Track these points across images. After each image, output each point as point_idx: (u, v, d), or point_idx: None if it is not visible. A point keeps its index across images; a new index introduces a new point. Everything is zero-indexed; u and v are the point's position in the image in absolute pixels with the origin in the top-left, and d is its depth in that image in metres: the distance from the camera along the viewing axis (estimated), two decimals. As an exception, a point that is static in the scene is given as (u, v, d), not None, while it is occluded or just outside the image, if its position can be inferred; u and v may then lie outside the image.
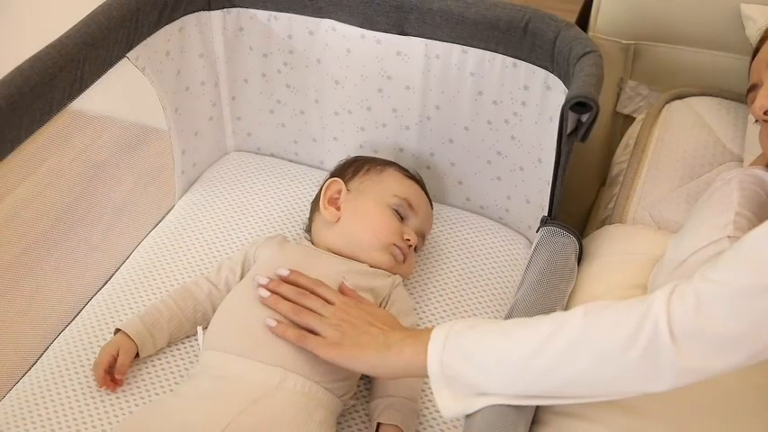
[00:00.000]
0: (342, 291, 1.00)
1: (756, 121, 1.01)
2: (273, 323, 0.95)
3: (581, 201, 1.48)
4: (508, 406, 0.81)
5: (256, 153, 1.39)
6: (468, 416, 0.83)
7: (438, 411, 0.88)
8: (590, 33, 1.37)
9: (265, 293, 0.98)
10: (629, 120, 1.41)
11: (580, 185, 1.45)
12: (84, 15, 1.03)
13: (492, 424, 0.80)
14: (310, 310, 0.95)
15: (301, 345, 0.93)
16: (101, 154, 1.84)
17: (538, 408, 0.87)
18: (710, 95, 1.29)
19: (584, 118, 0.95)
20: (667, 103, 1.30)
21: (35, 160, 1.59)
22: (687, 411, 0.85)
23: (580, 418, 0.85)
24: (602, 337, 0.75)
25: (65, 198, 1.69)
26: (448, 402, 0.82)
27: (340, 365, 0.91)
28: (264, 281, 0.99)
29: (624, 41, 1.35)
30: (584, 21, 1.40)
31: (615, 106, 1.42)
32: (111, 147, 1.88)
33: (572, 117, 0.95)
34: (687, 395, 0.85)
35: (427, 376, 0.83)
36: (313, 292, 0.98)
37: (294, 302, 0.96)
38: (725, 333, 0.71)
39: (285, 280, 1.00)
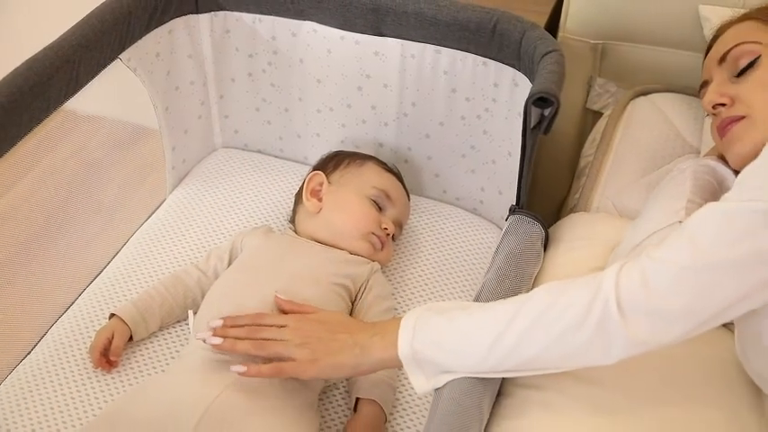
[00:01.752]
0: (283, 310, 1.01)
1: (708, 114, 1.08)
2: (242, 368, 0.93)
3: (554, 192, 1.55)
4: (475, 379, 0.87)
5: (243, 149, 1.46)
6: (437, 389, 0.89)
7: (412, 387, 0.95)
8: (560, 34, 1.44)
9: (218, 341, 0.96)
10: (599, 115, 1.47)
11: (553, 178, 1.52)
12: (82, 16, 1.09)
13: (460, 395, 0.86)
14: (271, 339, 0.94)
15: (280, 375, 0.93)
16: (95, 152, 1.91)
17: (503, 381, 0.94)
18: (673, 92, 1.35)
19: (547, 112, 1.02)
20: (632, 99, 1.36)
21: (32, 159, 1.66)
22: (640, 381, 0.91)
23: (542, 389, 0.91)
24: (559, 315, 0.82)
25: (60, 195, 1.75)
26: (421, 381, 0.88)
27: (323, 378, 0.96)
28: (209, 333, 0.97)
29: (592, 41, 1.42)
30: (554, 22, 1.47)
31: (585, 103, 1.49)
32: (105, 145, 1.94)
33: (535, 112, 1.02)
34: (640, 365, 0.92)
35: (401, 366, 0.89)
36: (259, 325, 0.97)
37: (251, 338, 0.95)
38: (668, 307, 0.78)
39: (226, 325, 0.98)
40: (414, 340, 0.87)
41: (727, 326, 0.95)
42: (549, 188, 1.53)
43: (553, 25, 1.46)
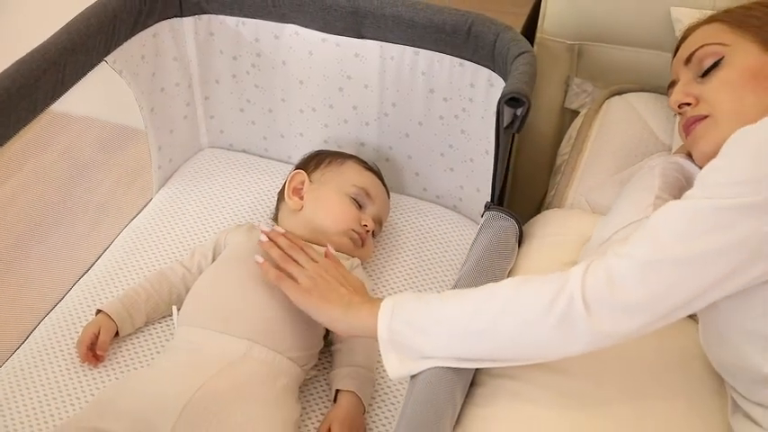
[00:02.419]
0: (327, 255, 1.10)
1: (676, 113, 1.11)
2: (261, 260, 1.06)
3: (534, 191, 1.58)
4: (448, 368, 0.91)
5: (229, 149, 1.49)
6: (412, 377, 0.92)
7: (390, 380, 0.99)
8: (538, 35, 1.47)
9: (264, 238, 1.09)
10: (576, 114, 1.51)
11: (532, 177, 1.56)
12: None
13: (433, 384, 0.90)
14: (296, 263, 1.06)
15: (277, 284, 1.03)
16: (84, 153, 1.93)
17: (476, 371, 0.97)
18: (647, 91, 1.39)
19: (519, 112, 1.05)
20: (607, 98, 1.39)
21: (21, 160, 1.69)
22: (607, 371, 0.95)
23: (513, 379, 0.95)
24: (526, 305, 0.85)
25: (49, 195, 1.78)
26: (394, 365, 0.92)
27: (305, 311, 1.01)
28: (267, 229, 1.10)
29: (569, 42, 1.45)
30: (533, 23, 1.51)
31: (563, 102, 1.53)
32: (94, 146, 1.97)
33: (508, 111, 1.05)
34: (608, 357, 0.95)
35: (374, 336, 0.93)
36: (303, 250, 1.08)
37: (284, 252, 1.07)
38: (631, 300, 0.82)
39: (284, 235, 1.11)
40: (391, 320, 0.91)
41: (693, 318, 0.98)
42: (528, 186, 1.56)
43: (531, 26, 1.49)
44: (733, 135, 0.86)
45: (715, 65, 1.04)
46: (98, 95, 1.35)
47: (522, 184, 1.59)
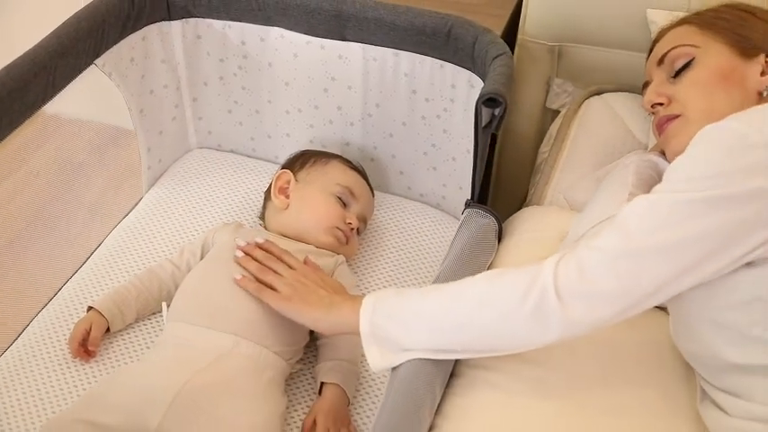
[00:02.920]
0: (305, 262, 1.13)
1: (649, 113, 1.15)
2: (239, 276, 1.09)
3: (516, 189, 1.62)
4: (427, 360, 0.94)
5: (217, 150, 1.52)
6: (393, 369, 0.96)
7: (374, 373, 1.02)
8: (520, 36, 1.50)
9: (240, 254, 1.12)
10: (557, 114, 1.54)
11: (515, 175, 1.59)
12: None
13: (413, 375, 0.93)
14: (274, 272, 1.09)
15: (258, 295, 1.07)
16: (76, 155, 1.96)
17: (456, 363, 1.01)
18: (625, 91, 1.42)
19: (497, 112, 1.08)
20: (586, 98, 1.43)
21: (15, 162, 1.72)
22: (581, 363, 0.98)
23: (490, 370, 0.98)
24: (501, 296, 0.89)
25: (42, 197, 1.81)
26: (376, 358, 0.95)
27: (288, 316, 1.04)
28: (243, 244, 1.13)
29: (550, 43, 1.48)
30: (514, 25, 1.54)
31: (545, 102, 1.56)
32: (86, 148, 2.00)
33: (486, 111, 1.09)
34: (581, 349, 1.00)
35: (357, 332, 0.96)
36: (280, 259, 1.11)
37: (262, 263, 1.10)
38: (601, 290, 0.85)
39: (259, 246, 1.14)
40: (373, 315, 0.94)
41: (664, 310, 1.02)
42: (511, 185, 1.60)
43: (513, 28, 1.52)
44: (699, 132, 0.89)
45: (686, 65, 1.08)
46: (89, 98, 1.38)
47: (505, 183, 1.63)
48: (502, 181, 1.64)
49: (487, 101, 1.06)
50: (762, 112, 0.89)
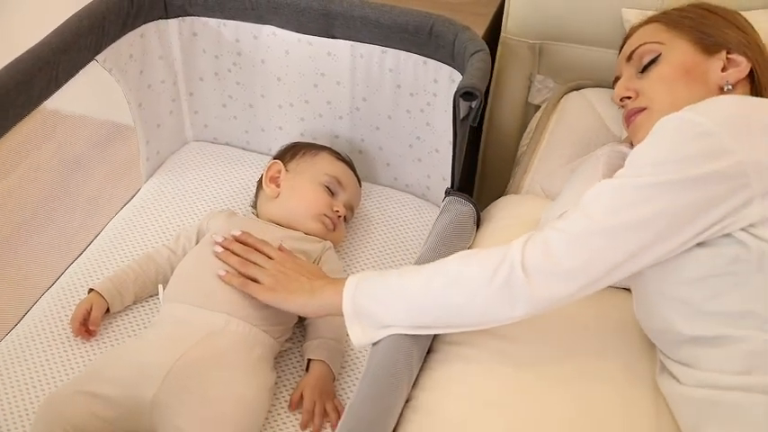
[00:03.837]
0: (280, 249, 1.19)
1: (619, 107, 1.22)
2: (223, 272, 1.15)
3: (499, 182, 1.68)
4: (406, 336, 1.01)
5: (213, 142, 1.59)
6: (374, 344, 1.02)
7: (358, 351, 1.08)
8: (502, 35, 1.57)
9: (219, 249, 1.18)
10: (539, 109, 1.61)
11: (498, 167, 1.66)
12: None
13: (391, 350, 1.00)
14: (254, 263, 1.15)
15: (243, 290, 1.13)
16: (77, 150, 2.03)
17: (433, 339, 1.07)
18: (602, 87, 1.49)
19: (474, 105, 1.15)
20: (566, 93, 1.49)
21: (18, 157, 1.79)
22: (549, 338, 1.05)
23: (464, 345, 1.05)
24: (472, 275, 0.95)
25: (46, 189, 1.88)
26: (358, 334, 1.02)
27: (275, 306, 1.11)
28: (220, 239, 1.19)
29: (531, 41, 1.54)
30: (498, 24, 1.61)
31: (527, 98, 1.63)
32: (87, 143, 2.07)
33: (464, 104, 1.15)
34: (550, 326, 1.06)
35: (341, 313, 1.03)
36: (258, 250, 1.18)
37: (242, 257, 1.16)
38: (564, 267, 0.92)
39: (237, 239, 1.20)
40: (355, 294, 1.01)
41: (629, 290, 1.09)
42: (494, 176, 1.66)
43: (496, 27, 1.59)
44: (658, 122, 0.96)
45: (653, 61, 1.15)
46: (90, 94, 1.44)
47: (490, 175, 1.69)
48: (487, 173, 1.71)
49: (464, 94, 1.13)
50: (714, 103, 0.96)
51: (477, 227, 1.27)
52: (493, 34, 1.58)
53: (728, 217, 0.89)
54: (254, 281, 1.13)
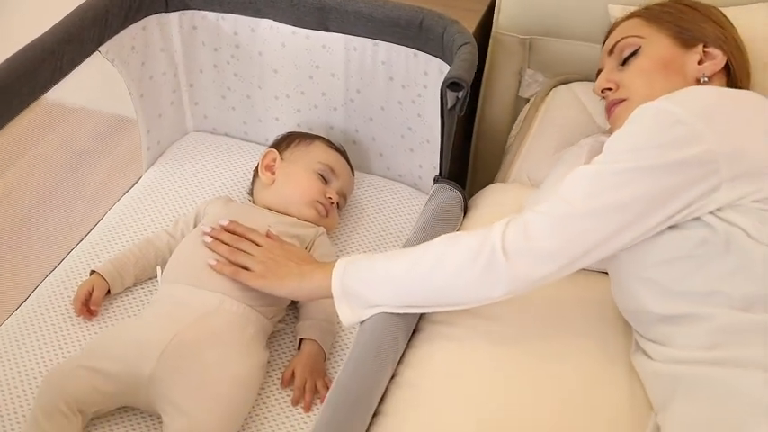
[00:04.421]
0: (268, 236, 1.23)
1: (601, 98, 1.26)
2: (214, 262, 1.19)
3: (491, 171, 1.72)
4: (392, 314, 1.05)
5: (212, 133, 1.64)
6: (361, 323, 1.07)
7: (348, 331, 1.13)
8: (494, 30, 1.61)
9: (208, 240, 1.22)
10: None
11: (490, 159, 1.70)
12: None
13: (378, 328, 1.04)
14: (243, 251, 1.19)
15: (235, 278, 1.17)
16: (81, 141, 2.08)
17: (419, 319, 1.12)
18: (590, 81, 1.53)
19: (461, 95, 1.19)
20: (554, 87, 1.54)
21: (22, 147, 1.84)
22: (529, 318, 1.10)
23: (448, 324, 1.09)
24: (455, 256, 1.00)
25: (51, 180, 1.93)
26: (347, 314, 1.07)
27: (267, 292, 1.15)
28: (209, 230, 1.23)
29: (521, 36, 1.59)
30: (489, 19, 1.65)
31: (518, 92, 1.67)
32: (90, 135, 2.12)
33: (450, 95, 1.20)
34: (530, 306, 1.11)
35: (331, 295, 1.08)
36: (246, 238, 1.21)
37: (231, 246, 1.20)
38: (543, 249, 0.97)
39: (225, 228, 1.24)
40: (343, 276, 1.06)
41: (607, 274, 1.13)
42: (486, 168, 1.70)
43: (488, 22, 1.64)
44: (634, 111, 1.01)
45: (633, 54, 1.19)
46: (94, 87, 1.49)
47: (481, 167, 1.74)
48: (478, 165, 1.75)
49: (451, 84, 1.17)
50: (690, 93, 1.01)
51: (465, 214, 1.31)
52: (485, 30, 1.63)
53: (699, 200, 0.94)
54: (245, 268, 1.17)
